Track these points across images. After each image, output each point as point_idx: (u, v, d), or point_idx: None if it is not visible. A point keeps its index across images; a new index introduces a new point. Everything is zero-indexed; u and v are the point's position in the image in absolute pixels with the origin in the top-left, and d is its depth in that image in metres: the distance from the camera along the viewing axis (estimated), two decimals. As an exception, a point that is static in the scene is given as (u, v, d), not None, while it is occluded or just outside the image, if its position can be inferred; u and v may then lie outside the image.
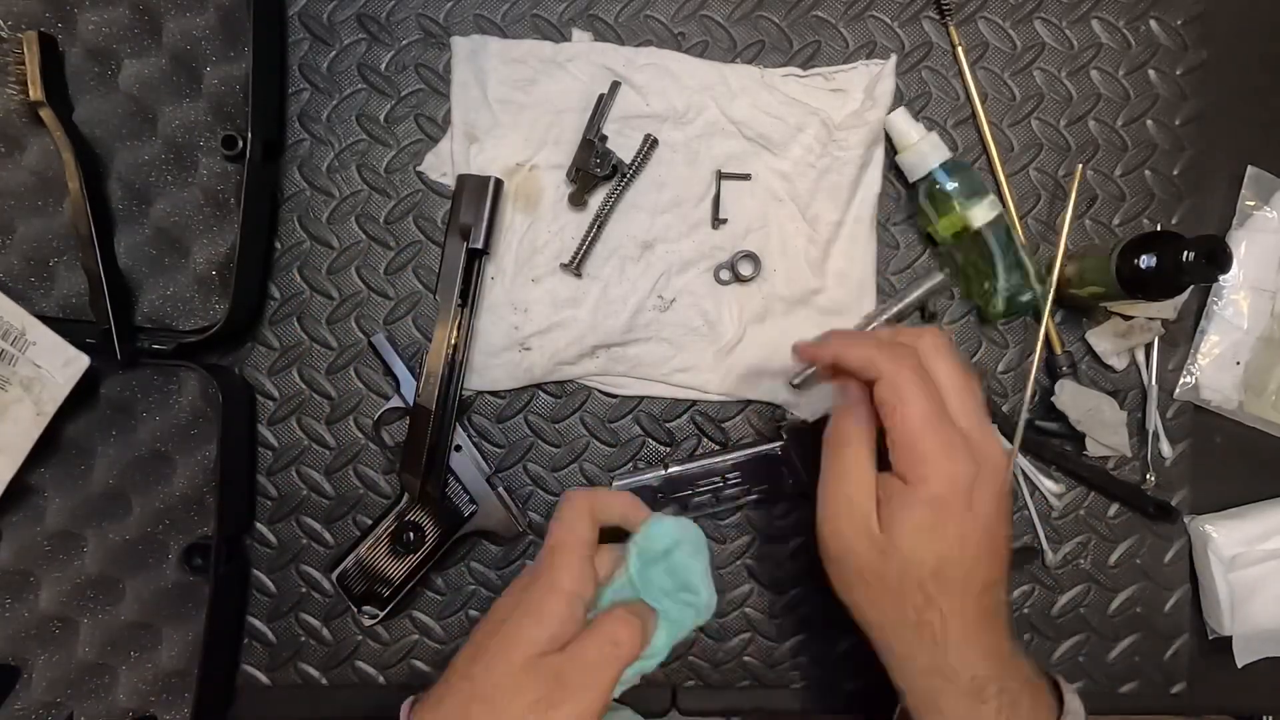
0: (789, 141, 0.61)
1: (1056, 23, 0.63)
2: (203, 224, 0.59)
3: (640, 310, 0.60)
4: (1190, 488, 0.63)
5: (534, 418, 0.62)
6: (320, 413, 0.61)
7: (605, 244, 0.61)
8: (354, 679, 0.61)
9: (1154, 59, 0.63)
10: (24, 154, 0.58)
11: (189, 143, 0.59)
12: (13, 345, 0.55)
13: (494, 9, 0.62)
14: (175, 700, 0.58)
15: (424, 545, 0.58)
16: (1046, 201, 0.63)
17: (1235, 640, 0.60)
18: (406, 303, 0.61)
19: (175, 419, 0.59)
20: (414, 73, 0.62)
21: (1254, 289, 0.63)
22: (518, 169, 0.60)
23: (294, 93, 0.61)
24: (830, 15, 0.63)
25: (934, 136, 0.59)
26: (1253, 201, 0.63)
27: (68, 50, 0.58)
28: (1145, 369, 0.62)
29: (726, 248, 0.61)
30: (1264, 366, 0.62)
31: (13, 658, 0.58)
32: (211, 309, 0.59)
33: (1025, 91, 0.63)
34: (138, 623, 0.58)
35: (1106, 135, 0.63)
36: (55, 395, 0.55)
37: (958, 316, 0.63)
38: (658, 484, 0.60)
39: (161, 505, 0.59)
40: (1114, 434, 0.59)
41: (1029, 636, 0.62)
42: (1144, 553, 0.63)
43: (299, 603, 0.61)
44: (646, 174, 0.61)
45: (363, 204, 0.61)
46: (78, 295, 0.58)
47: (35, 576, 0.58)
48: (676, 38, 0.62)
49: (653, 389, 0.61)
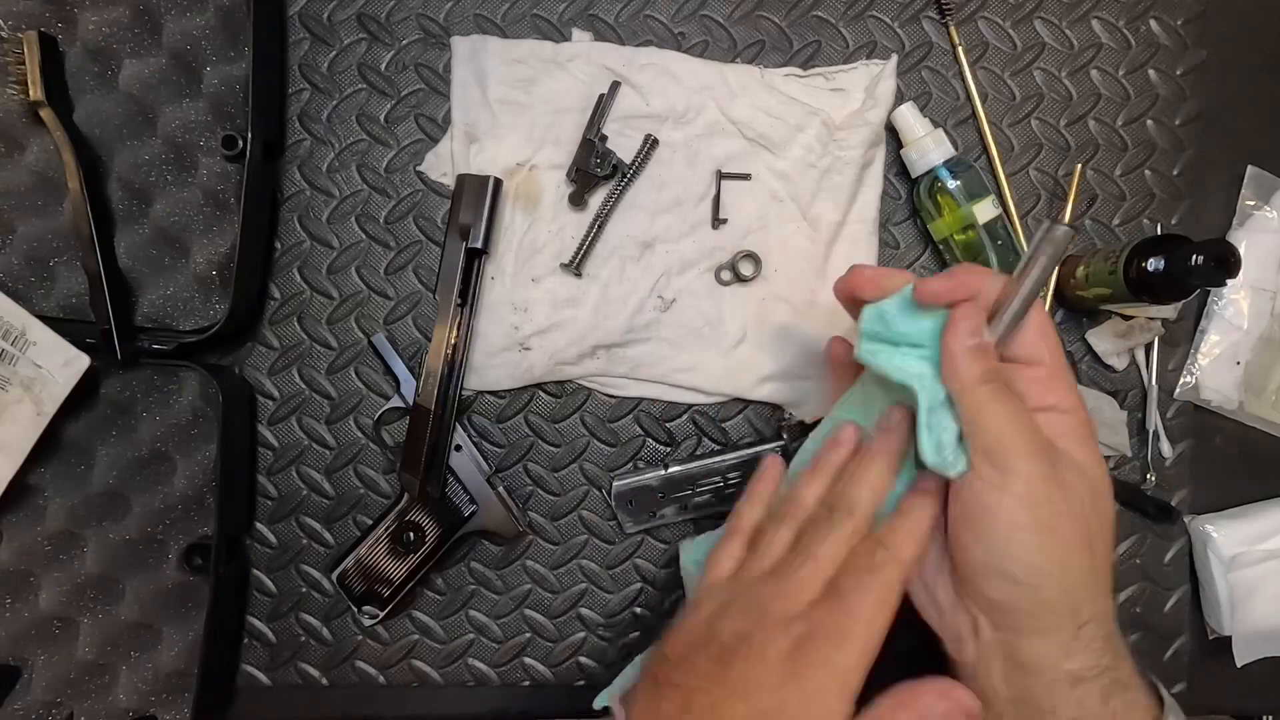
0: (789, 141, 0.61)
1: (1056, 23, 0.63)
2: (203, 224, 0.59)
3: (640, 310, 0.60)
4: (1190, 488, 0.63)
5: (534, 418, 0.62)
6: (320, 413, 0.61)
7: (605, 244, 0.61)
8: (354, 679, 0.61)
9: (1154, 59, 0.63)
10: (24, 154, 0.58)
11: (189, 143, 0.59)
12: (13, 345, 0.55)
13: (494, 9, 0.62)
14: (175, 700, 0.58)
15: (424, 545, 0.58)
16: (1046, 201, 0.63)
17: (1235, 640, 0.60)
18: (406, 303, 0.61)
19: (175, 419, 0.59)
20: (414, 73, 0.62)
21: (1254, 289, 0.63)
22: (518, 169, 0.60)
23: (294, 93, 0.61)
24: (830, 15, 0.63)
25: (939, 133, 0.59)
26: (1253, 201, 0.63)
27: (68, 50, 0.58)
28: (1145, 369, 0.62)
29: (726, 248, 0.61)
30: (1264, 366, 0.62)
31: (13, 658, 0.58)
32: (211, 309, 0.59)
33: (1025, 91, 0.63)
34: (138, 623, 0.58)
35: (1106, 135, 0.63)
36: (55, 395, 0.55)
37: (958, 316, 0.63)
38: (658, 484, 0.60)
39: (161, 505, 0.59)
40: (1114, 434, 0.59)
41: (1029, 636, 0.62)
42: (1144, 553, 0.63)
43: (299, 603, 0.61)
44: (646, 174, 0.61)
45: (363, 204, 0.61)
46: (78, 295, 0.58)
47: (35, 576, 0.58)
48: (677, 38, 0.62)
49: (653, 389, 0.61)
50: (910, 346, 0.44)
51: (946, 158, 0.58)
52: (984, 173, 0.61)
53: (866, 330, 0.46)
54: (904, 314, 0.44)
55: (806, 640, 0.38)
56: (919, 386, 0.43)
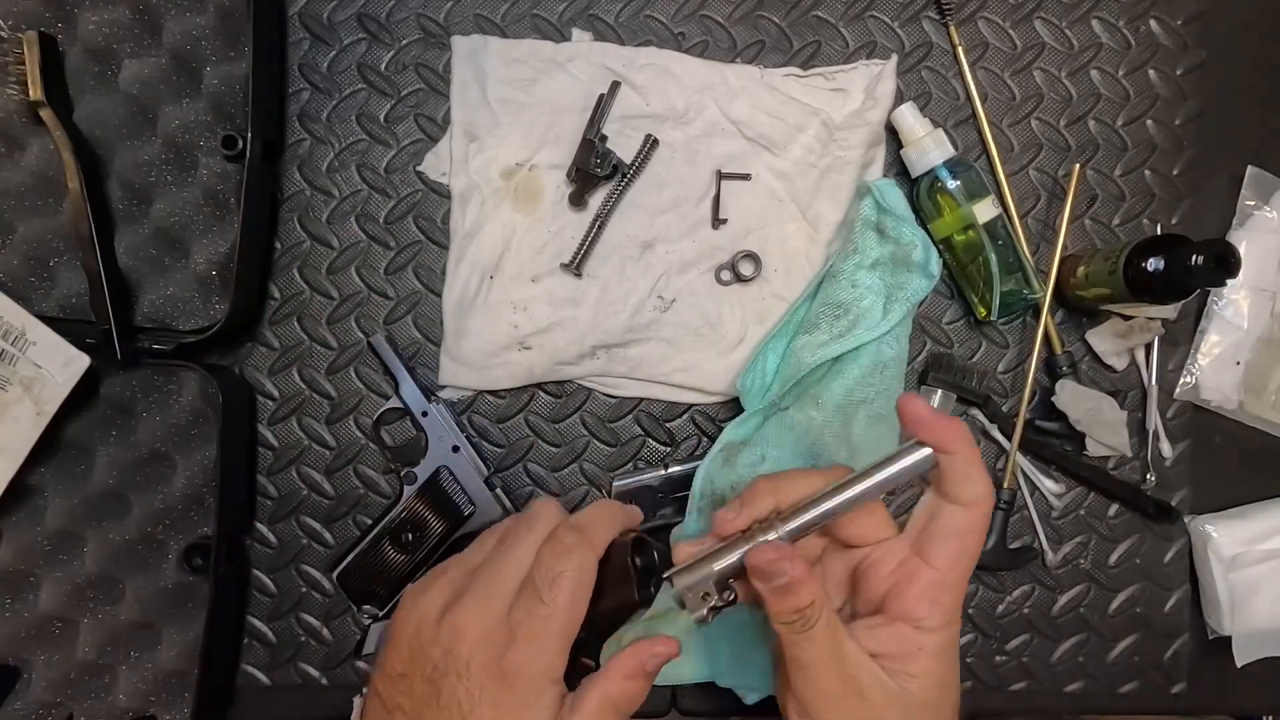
0: (789, 141, 0.61)
1: (1056, 23, 0.63)
2: (203, 224, 0.59)
3: (640, 310, 0.60)
4: (1190, 488, 0.63)
5: (534, 418, 0.62)
6: (320, 413, 0.61)
7: (605, 244, 0.61)
8: (354, 679, 0.61)
9: (1154, 59, 0.63)
10: (24, 154, 0.58)
11: (189, 143, 0.59)
12: (13, 345, 0.55)
13: (494, 9, 0.62)
14: (175, 700, 0.58)
15: (424, 545, 0.58)
16: (1046, 201, 0.63)
17: (1235, 640, 0.60)
18: (406, 303, 0.61)
19: (175, 419, 0.59)
20: (414, 73, 0.62)
21: (1254, 289, 0.63)
22: (517, 169, 0.60)
23: (294, 93, 0.61)
24: (830, 15, 0.62)
25: (939, 133, 0.59)
26: (1253, 201, 0.63)
27: (68, 50, 0.58)
28: (1145, 369, 0.62)
29: (726, 248, 0.61)
30: (1264, 366, 0.62)
31: (13, 658, 0.58)
32: (211, 309, 0.59)
33: (1025, 91, 0.63)
34: (138, 623, 0.58)
35: (1106, 135, 0.63)
36: (55, 395, 0.55)
37: (958, 316, 0.63)
38: (658, 484, 0.60)
39: (161, 505, 0.59)
40: (1114, 434, 0.59)
41: (1029, 636, 0.62)
42: (1144, 553, 0.63)
43: (299, 603, 0.61)
44: (646, 174, 0.61)
45: (363, 204, 0.61)
46: (78, 295, 0.58)
47: (35, 576, 0.58)
48: (676, 38, 0.62)
49: (653, 389, 0.61)
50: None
51: (946, 158, 0.58)
52: (984, 173, 0.61)
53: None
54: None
55: (509, 646, 0.40)
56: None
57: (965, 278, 0.61)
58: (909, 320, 0.57)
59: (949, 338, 0.62)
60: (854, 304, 0.56)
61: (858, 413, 0.56)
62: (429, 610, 0.42)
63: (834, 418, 0.56)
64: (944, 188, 0.58)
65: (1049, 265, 0.60)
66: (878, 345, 0.56)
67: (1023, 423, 0.60)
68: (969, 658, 0.62)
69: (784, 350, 0.58)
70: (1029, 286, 0.58)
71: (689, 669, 0.58)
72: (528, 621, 0.40)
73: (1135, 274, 0.54)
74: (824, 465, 0.55)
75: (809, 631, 0.37)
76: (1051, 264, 0.60)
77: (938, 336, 0.62)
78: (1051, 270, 0.60)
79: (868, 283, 0.57)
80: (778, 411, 0.57)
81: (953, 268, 0.61)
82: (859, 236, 0.57)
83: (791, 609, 0.37)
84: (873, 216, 0.57)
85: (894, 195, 0.57)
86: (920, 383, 0.62)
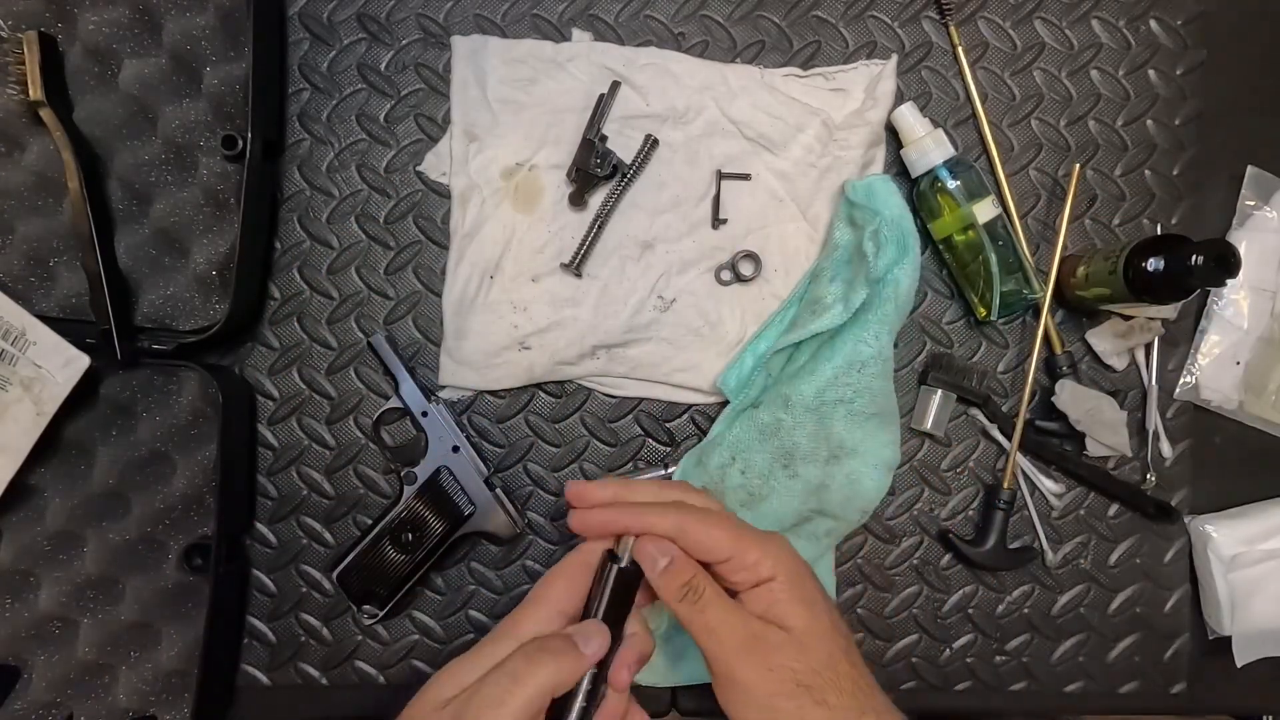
0: (789, 141, 0.61)
1: (1056, 23, 0.63)
2: (203, 224, 0.59)
3: (640, 310, 0.60)
4: (1190, 488, 0.63)
5: (534, 418, 0.62)
6: (320, 413, 0.61)
7: (605, 244, 0.61)
8: (354, 679, 0.61)
9: (1154, 59, 0.63)
10: (24, 154, 0.58)
11: (189, 143, 0.59)
12: (13, 345, 0.55)
13: (494, 9, 0.62)
14: (175, 700, 0.58)
15: (424, 545, 0.58)
16: (1046, 201, 0.63)
17: (1235, 640, 0.60)
18: (406, 303, 0.61)
19: (175, 419, 0.59)
20: (414, 73, 0.62)
21: (1254, 289, 0.63)
22: (517, 169, 0.60)
23: (294, 93, 0.61)
24: (830, 15, 0.62)
25: (939, 133, 0.59)
26: (1253, 201, 0.63)
27: (68, 50, 0.58)
28: (1145, 369, 0.62)
29: (726, 248, 0.61)
30: (1264, 366, 0.62)
31: (13, 658, 0.58)
32: (211, 309, 0.59)
33: (1025, 91, 0.63)
34: (138, 623, 0.58)
35: (1106, 135, 0.63)
36: (55, 395, 0.55)
37: (958, 316, 0.63)
38: (658, 484, 0.60)
39: (161, 505, 0.59)
40: (1114, 434, 0.59)
41: (1029, 636, 0.62)
42: (1144, 553, 0.63)
43: (299, 603, 0.61)
44: (646, 174, 0.61)
45: (363, 204, 0.61)
46: (78, 295, 0.58)
47: (35, 576, 0.58)
48: (676, 38, 0.62)
49: (653, 389, 0.61)
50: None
51: (946, 158, 0.58)
52: (984, 173, 0.61)
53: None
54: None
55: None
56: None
57: (965, 278, 0.61)
58: (893, 318, 0.56)
59: (949, 338, 0.62)
60: (826, 298, 0.57)
61: (835, 413, 0.56)
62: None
63: (804, 418, 0.56)
64: (944, 188, 0.58)
65: (1049, 265, 0.60)
66: (854, 344, 0.55)
67: (1023, 423, 0.60)
68: (969, 657, 0.62)
69: (764, 350, 0.59)
70: (1029, 286, 0.59)
71: (689, 670, 0.58)
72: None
73: (1135, 274, 0.54)
74: (798, 466, 0.57)
75: (701, 600, 0.43)
76: (1051, 264, 0.60)
77: (938, 336, 0.62)
78: (1051, 270, 0.60)
79: (844, 275, 0.57)
80: (750, 410, 0.58)
81: (953, 268, 0.61)
82: (835, 232, 0.59)
83: (680, 585, 0.43)
84: (845, 211, 0.58)
85: (864, 189, 0.57)
86: (920, 383, 0.62)
